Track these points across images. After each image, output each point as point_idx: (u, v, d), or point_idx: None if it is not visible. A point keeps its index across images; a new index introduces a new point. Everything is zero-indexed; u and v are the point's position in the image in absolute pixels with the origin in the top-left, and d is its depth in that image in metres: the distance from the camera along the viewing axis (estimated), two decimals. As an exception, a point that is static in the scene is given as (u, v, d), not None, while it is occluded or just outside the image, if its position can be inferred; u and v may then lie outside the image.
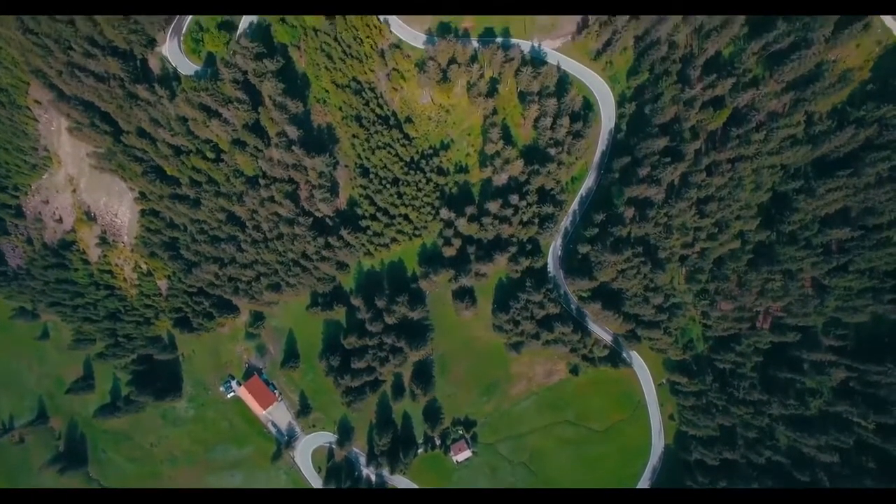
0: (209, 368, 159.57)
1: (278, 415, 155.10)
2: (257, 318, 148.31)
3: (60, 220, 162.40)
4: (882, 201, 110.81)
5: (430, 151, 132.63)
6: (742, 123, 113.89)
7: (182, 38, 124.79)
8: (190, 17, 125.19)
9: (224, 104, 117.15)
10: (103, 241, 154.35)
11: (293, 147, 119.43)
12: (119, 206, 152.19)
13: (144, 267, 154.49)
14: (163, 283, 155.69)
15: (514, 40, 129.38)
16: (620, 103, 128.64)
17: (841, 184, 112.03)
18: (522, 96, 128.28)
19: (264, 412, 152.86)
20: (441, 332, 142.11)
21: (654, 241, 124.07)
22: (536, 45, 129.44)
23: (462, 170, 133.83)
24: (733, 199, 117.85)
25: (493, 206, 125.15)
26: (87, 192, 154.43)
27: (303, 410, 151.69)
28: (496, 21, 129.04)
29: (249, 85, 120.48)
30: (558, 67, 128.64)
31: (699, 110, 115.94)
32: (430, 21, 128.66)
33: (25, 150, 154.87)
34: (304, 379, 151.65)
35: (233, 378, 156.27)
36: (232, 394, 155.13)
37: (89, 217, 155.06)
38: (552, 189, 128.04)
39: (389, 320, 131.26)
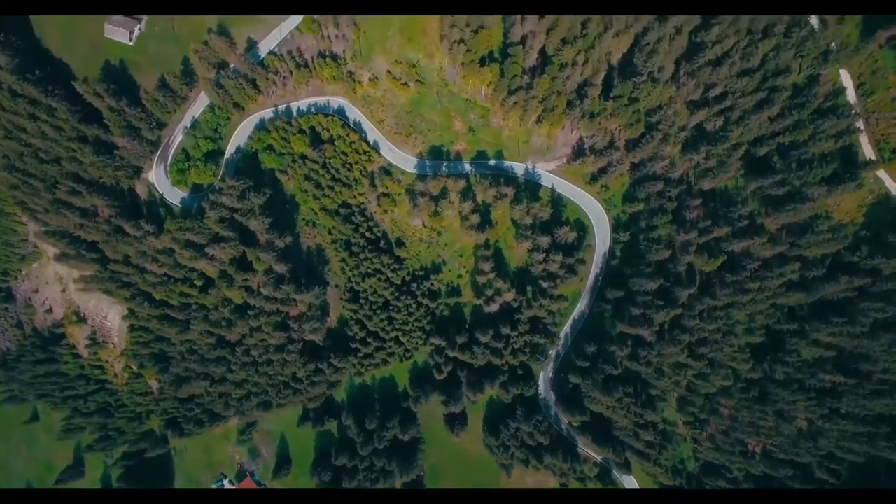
0: (201, 466, 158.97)
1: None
2: (249, 425, 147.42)
3: (50, 311, 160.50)
4: (877, 351, 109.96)
5: (422, 273, 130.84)
6: (737, 270, 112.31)
7: (168, 167, 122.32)
8: (176, 144, 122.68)
9: (210, 242, 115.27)
10: (93, 341, 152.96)
11: (281, 285, 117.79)
12: (109, 311, 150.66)
13: (135, 368, 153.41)
14: (153, 384, 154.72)
15: (507, 163, 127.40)
16: (615, 228, 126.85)
17: (836, 330, 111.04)
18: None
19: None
20: (432, 443, 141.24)
21: (646, 377, 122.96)
22: (531, 167, 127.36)
23: (454, 292, 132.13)
24: (726, 343, 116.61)
25: (484, 338, 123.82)
26: (76, 293, 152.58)
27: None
28: (489, 144, 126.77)
29: (236, 220, 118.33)
30: (553, 190, 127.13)
31: (694, 255, 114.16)
32: (422, 145, 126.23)
33: (14, 243, 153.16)
34: (296, 482, 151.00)
35: (225, 477, 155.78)
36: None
37: (79, 318, 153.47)
38: (544, 318, 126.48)
39: (380, 445, 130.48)
